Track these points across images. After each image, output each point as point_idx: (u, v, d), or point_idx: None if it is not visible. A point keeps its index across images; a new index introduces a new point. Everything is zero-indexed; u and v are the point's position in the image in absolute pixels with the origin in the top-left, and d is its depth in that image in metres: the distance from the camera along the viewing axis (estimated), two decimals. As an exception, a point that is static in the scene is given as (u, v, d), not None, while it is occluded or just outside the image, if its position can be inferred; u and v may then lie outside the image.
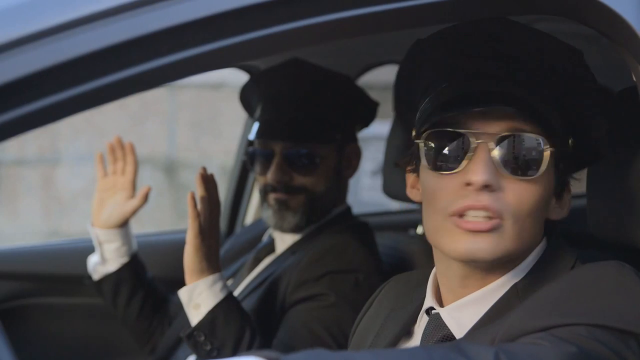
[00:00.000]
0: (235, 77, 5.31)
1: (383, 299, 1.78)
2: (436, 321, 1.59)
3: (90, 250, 2.98)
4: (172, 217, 6.11)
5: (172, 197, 5.91)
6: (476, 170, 1.48)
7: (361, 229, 2.59)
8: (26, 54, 1.26)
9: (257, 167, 2.58)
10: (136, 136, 6.22)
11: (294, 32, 1.41)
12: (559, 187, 1.57)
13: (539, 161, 1.50)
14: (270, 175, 2.53)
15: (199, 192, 2.31)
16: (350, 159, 2.60)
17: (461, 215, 1.49)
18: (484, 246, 1.49)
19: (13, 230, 6.13)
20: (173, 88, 6.17)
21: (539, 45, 1.56)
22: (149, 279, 2.82)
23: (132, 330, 2.83)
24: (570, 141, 1.57)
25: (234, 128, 5.13)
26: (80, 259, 3.17)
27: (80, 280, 3.07)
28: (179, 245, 2.97)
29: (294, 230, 2.56)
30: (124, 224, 2.75)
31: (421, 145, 1.54)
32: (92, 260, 2.79)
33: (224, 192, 3.50)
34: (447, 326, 1.57)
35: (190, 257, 2.30)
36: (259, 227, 2.90)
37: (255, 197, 3.36)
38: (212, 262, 2.31)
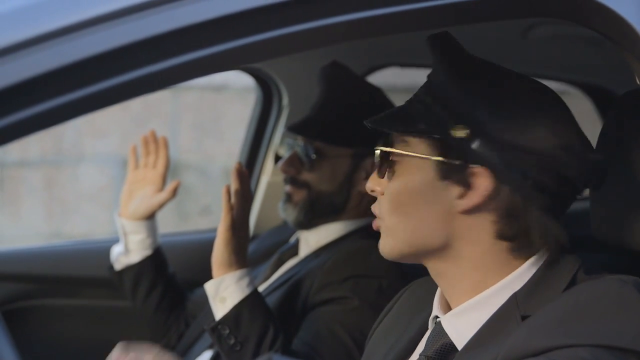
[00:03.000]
0: (239, 80, 5.31)
1: (404, 303, 1.80)
2: (438, 328, 1.60)
3: (92, 252, 2.99)
4: (174, 219, 6.11)
5: (174, 198, 5.90)
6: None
7: None
8: (32, 56, 1.26)
9: None
10: (139, 138, 6.21)
11: (299, 35, 1.41)
12: (453, 178, 1.55)
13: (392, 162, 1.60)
14: (280, 166, 2.63)
15: (233, 185, 2.36)
16: (369, 172, 2.61)
17: None
18: (381, 246, 1.64)
19: (15, 232, 6.12)
20: (176, 90, 6.16)
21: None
22: (170, 274, 2.85)
23: (149, 323, 2.85)
24: (462, 133, 1.55)
25: (236, 130, 5.12)
26: (83, 260, 3.18)
27: (82, 282, 3.08)
28: (182, 248, 2.99)
29: (296, 225, 2.62)
30: (150, 217, 2.78)
31: None
32: (116, 250, 2.81)
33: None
34: (446, 334, 1.57)
35: (219, 250, 2.33)
36: (286, 230, 2.93)
37: (258, 199, 3.36)
38: (241, 256, 2.34)
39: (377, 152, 1.63)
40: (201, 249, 3.10)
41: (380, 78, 3.31)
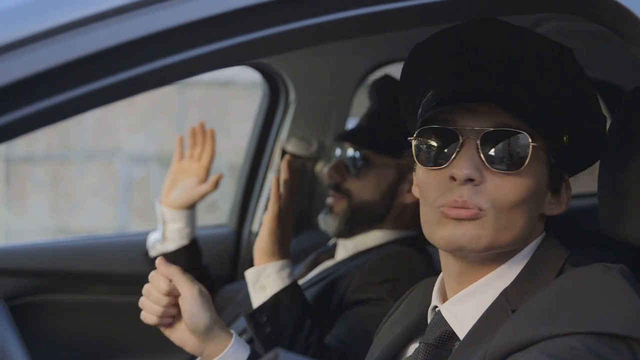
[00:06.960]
0: (245, 75, 5.31)
1: (412, 300, 1.82)
2: (437, 317, 1.63)
3: (98, 247, 2.99)
4: (180, 214, 6.11)
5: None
6: (460, 165, 1.53)
7: (423, 246, 2.64)
8: (38, 52, 1.27)
9: None
10: (145, 134, 6.23)
11: (307, 31, 1.41)
12: (554, 182, 1.59)
13: (522, 156, 1.53)
14: (327, 171, 2.65)
15: (283, 176, 2.40)
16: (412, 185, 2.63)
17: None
18: (467, 233, 1.53)
19: (21, 227, 6.14)
20: (182, 85, 6.17)
21: (528, 44, 1.59)
22: (203, 266, 2.87)
23: None
24: (565, 138, 1.58)
25: (242, 126, 5.12)
26: (89, 256, 3.18)
27: (88, 277, 3.09)
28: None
29: (336, 235, 2.65)
30: (190, 207, 2.82)
31: (413, 143, 1.62)
32: (153, 237, 2.84)
33: (232, 190, 3.51)
34: (447, 322, 1.60)
35: (264, 238, 2.37)
36: (322, 233, 2.94)
37: (264, 196, 3.36)
38: (284, 247, 2.38)
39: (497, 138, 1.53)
40: (208, 244, 3.10)
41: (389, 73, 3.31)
